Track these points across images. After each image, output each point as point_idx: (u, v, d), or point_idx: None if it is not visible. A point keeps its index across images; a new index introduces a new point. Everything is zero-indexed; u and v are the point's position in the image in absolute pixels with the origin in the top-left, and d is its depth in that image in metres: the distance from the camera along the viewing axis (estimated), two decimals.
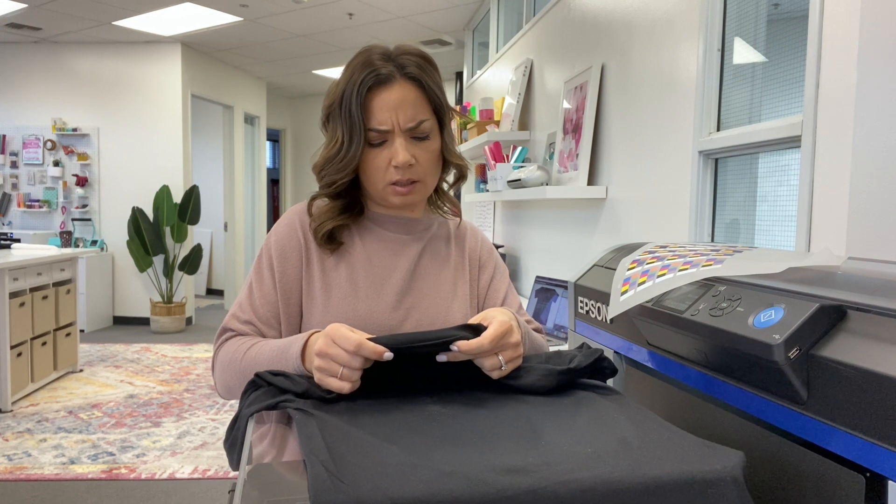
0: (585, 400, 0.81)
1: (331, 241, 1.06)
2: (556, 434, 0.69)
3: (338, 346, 0.80)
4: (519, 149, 3.09)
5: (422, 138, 1.02)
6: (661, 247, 1.12)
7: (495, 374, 0.85)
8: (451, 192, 1.22)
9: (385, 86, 0.99)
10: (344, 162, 1.01)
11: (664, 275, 0.96)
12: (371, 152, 1.01)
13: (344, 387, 0.79)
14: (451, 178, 1.15)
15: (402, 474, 0.57)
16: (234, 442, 0.85)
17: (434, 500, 0.54)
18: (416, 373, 0.85)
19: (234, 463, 0.87)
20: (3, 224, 6.20)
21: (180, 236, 6.11)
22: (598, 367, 0.91)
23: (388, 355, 0.79)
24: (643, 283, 0.99)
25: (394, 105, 0.99)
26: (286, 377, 0.83)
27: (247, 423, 0.80)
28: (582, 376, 0.88)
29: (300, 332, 1.06)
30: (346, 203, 1.08)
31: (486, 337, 0.83)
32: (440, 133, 1.06)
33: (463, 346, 0.81)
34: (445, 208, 1.18)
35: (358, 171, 1.04)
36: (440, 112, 1.05)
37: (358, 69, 0.99)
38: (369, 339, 0.80)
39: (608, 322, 1.13)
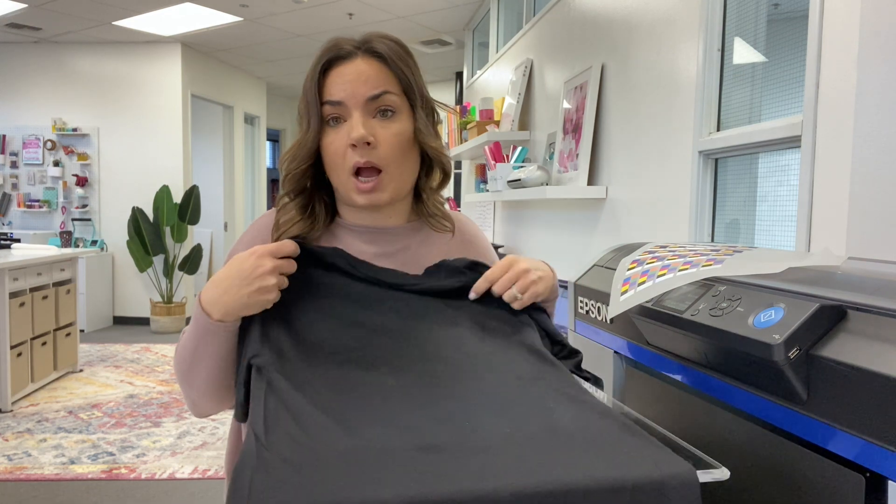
0: (547, 380, 0.79)
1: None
2: (490, 416, 0.70)
3: (278, 258, 0.81)
4: (519, 149, 3.09)
5: (386, 116, 0.90)
6: (661, 247, 1.12)
7: (516, 305, 0.88)
8: (445, 203, 1.04)
9: (344, 61, 0.90)
10: (301, 144, 0.91)
11: (664, 275, 0.96)
12: (329, 135, 0.90)
13: (281, 290, 0.82)
14: (435, 180, 1.00)
15: (317, 481, 0.58)
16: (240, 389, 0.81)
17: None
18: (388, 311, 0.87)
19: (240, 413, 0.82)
20: (3, 224, 6.20)
21: (180, 236, 6.11)
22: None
23: (295, 248, 0.84)
24: (643, 283, 0.99)
25: (350, 77, 0.89)
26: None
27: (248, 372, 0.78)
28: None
29: None
30: (312, 208, 0.95)
31: (488, 274, 0.88)
32: (412, 115, 0.92)
33: (477, 289, 0.88)
34: (434, 220, 1.00)
35: (324, 163, 0.93)
36: (410, 92, 0.92)
37: (319, 52, 0.91)
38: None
39: (608, 322, 1.13)
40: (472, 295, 0.89)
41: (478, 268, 0.91)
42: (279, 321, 0.82)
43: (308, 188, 0.94)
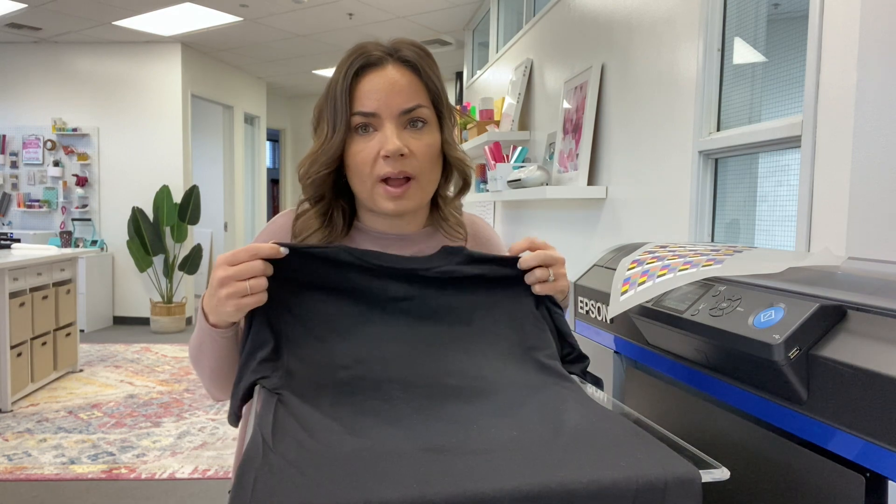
0: (554, 388, 0.79)
1: None
2: (496, 418, 0.70)
3: (234, 265, 0.77)
4: (519, 149, 3.09)
5: (417, 127, 0.89)
6: (661, 247, 1.12)
7: (538, 288, 0.87)
8: (461, 210, 1.04)
9: (375, 68, 0.88)
10: (324, 150, 0.89)
11: (664, 275, 0.96)
12: (357, 143, 0.88)
13: (262, 299, 0.77)
14: (453, 187, 1.00)
15: (324, 485, 0.58)
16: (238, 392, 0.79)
17: None
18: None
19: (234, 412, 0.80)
20: (3, 224, 6.20)
21: (180, 236, 6.10)
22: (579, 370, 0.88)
23: (284, 251, 0.79)
24: (643, 283, 0.99)
25: (383, 87, 0.87)
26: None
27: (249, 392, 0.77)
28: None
29: None
30: (332, 214, 0.95)
31: (528, 246, 0.87)
32: (439, 127, 0.93)
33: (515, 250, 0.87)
34: (447, 225, 1.00)
35: (345, 169, 0.92)
36: (438, 104, 0.92)
37: (347, 56, 0.89)
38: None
39: (608, 322, 1.13)
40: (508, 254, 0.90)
41: (499, 260, 0.90)
42: (287, 333, 0.81)
43: (328, 195, 0.94)
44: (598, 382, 0.88)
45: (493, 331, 0.86)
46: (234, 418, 0.80)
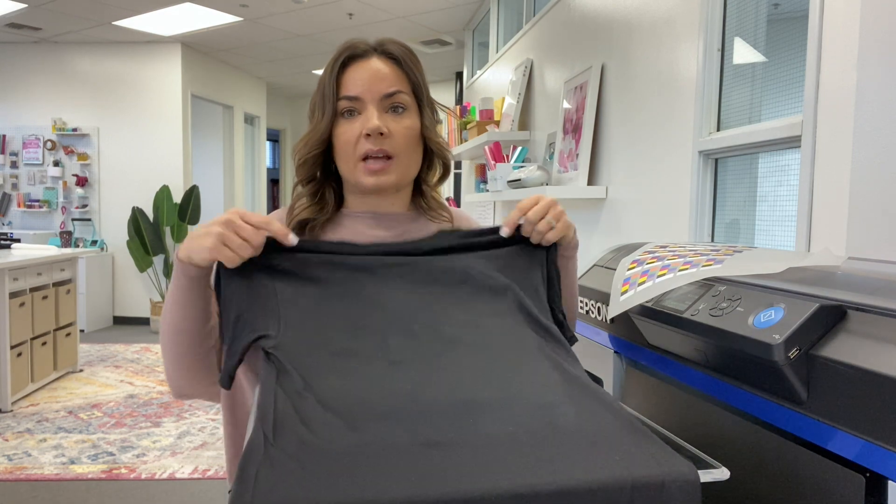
0: (553, 369, 0.79)
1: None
2: (494, 411, 0.69)
3: (244, 220, 0.81)
4: (519, 149, 3.09)
5: (398, 112, 0.97)
6: (661, 247, 1.12)
7: (550, 235, 0.93)
8: (443, 195, 1.11)
9: (360, 59, 0.97)
10: (314, 132, 0.97)
11: (664, 275, 0.96)
12: (342, 125, 0.96)
13: (234, 259, 0.81)
14: (435, 175, 1.08)
15: (319, 482, 0.58)
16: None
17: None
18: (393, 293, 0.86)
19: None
20: (3, 224, 6.20)
21: (180, 236, 6.10)
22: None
23: (293, 240, 0.83)
24: (643, 283, 0.99)
25: (367, 75, 0.96)
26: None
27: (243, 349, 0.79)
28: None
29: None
30: (322, 195, 1.02)
31: (520, 204, 0.93)
32: (419, 113, 1.00)
33: (508, 224, 0.92)
34: (433, 212, 1.07)
35: (333, 153, 0.99)
36: (419, 93, 1.00)
37: (337, 51, 0.98)
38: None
39: (608, 322, 1.13)
40: (506, 231, 0.93)
41: (495, 230, 0.94)
42: (287, 295, 0.82)
43: (318, 177, 1.02)
44: (597, 382, 0.88)
45: (490, 287, 0.88)
46: (227, 379, 0.81)
